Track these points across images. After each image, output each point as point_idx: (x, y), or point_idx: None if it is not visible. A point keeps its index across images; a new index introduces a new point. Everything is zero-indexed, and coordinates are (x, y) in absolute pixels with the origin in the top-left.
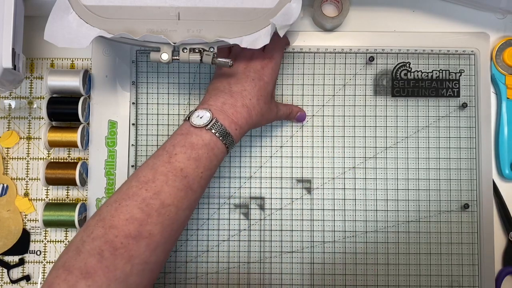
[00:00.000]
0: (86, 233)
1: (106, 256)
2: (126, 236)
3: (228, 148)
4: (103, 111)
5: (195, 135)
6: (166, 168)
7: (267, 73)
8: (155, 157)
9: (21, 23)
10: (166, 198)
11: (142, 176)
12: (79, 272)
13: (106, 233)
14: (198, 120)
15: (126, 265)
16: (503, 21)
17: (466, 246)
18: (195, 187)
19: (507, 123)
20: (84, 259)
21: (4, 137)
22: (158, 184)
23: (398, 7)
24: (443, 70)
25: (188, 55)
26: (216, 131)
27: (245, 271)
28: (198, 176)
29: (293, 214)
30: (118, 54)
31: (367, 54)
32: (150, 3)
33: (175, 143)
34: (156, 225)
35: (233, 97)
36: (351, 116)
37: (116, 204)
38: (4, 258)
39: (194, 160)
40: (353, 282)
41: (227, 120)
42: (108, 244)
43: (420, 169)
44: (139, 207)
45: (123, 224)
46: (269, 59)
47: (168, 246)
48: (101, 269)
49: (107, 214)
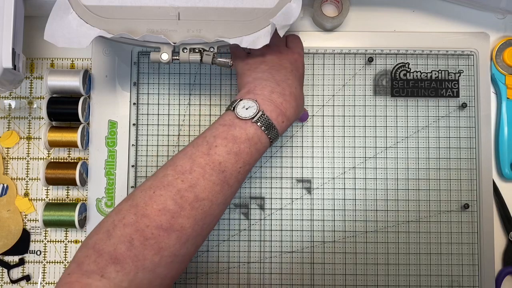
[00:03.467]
0: (118, 217)
1: (136, 245)
2: (157, 227)
3: (271, 142)
4: (103, 111)
5: (238, 128)
6: (204, 160)
7: (300, 65)
8: (194, 146)
9: (21, 23)
10: (201, 192)
11: (179, 165)
12: (109, 257)
13: (138, 221)
14: (244, 111)
15: (155, 256)
16: (503, 21)
17: (466, 246)
18: (232, 182)
19: (507, 123)
20: (114, 245)
21: (4, 137)
22: (195, 176)
23: (398, 7)
24: (442, 71)
25: (188, 55)
26: (262, 124)
27: (245, 271)
28: (236, 171)
29: (293, 214)
30: (118, 54)
31: (366, 54)
32: (150, 3)
33: (217, 134)
34: (188, 219)
35: (280, 86)
36: (351, 116)
37: (150, 192)
38: (4, 258)
39: (234, 155)
40: (353, 282)
41: (275, 112)
42: (138, 233)
43: (420, 169)
44: (173, 199)
45: (156, 214)
46: (298, 54)
47: (199, 240)
48: (130, 258)
49: (140, 201)
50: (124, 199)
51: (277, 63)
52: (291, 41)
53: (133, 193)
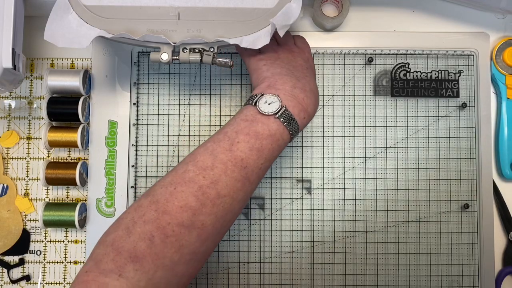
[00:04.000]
0: (137, 213)
1: (156, 242)
2: (178, 224)
3: (292, 138)
4: (103, 111)
5: (261, 124)
6: (226, 156)
7: (313, 64)
8: (215, 141)
9: (21, 23)
10: (223, 189)
11: (200, 161)
12: (128, 255)
13: (159, 218)
14: (267, 106)
15: (175, 254)
16: (503, 21)
17: (466, 246)
18: (253, 179)
19: (507, 123)
20: (134, 242)
21: (4, 137)
22: (217, 172)
23: (398, 7)
24: (442, 71)
25: (188, 55)
26: (285, 120)
27: (245, 271)
28: (258, 167)
29: (293, 214)
30: (118, 54)
31: (366, 55)
32: (150, 3)
33: (238, 130)
34: (209, 216)
35: (300, 82)
36: (351, 116)
37: (171, 188)
38: (4, 258)
39: (256, 151)
40: (353, 282)
41: (297, 108)
42: (159, 231)
43: (420, 169)
44: (195, 195)
45: (177, 211)
46: (308, 53)
47: (218, 237)
48: (150, 255)
49: (161, 197)
50: (143, 195)
51: (292, 60)
52: (300, 42)
53: (153, 189)
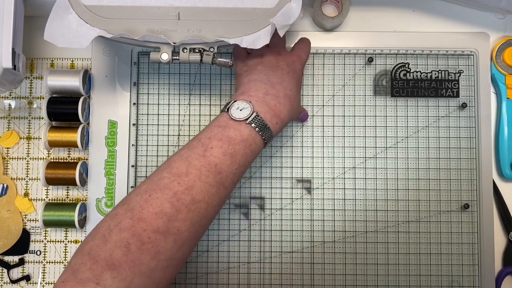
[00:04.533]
0: (113, 221)
1: (132, 250)
2: (154, 231)
3: (266, 143)
4: (103, 111)
5: (233, 129)
6: (200, 162)
7: (299, 68)
8: (189, 148)
9: (21, 23)
10: (198, 194)
11: (175, 168)
12: (105, 263)
13: (134, 225)
14: (238, 112)
15: (152, 260)
16: (503, 21)
17: (466, 246)
18: (227, 184)
19: (507, 123)
20: (111, 250)
21: (4, 137)
22: (191, 178)
23: (398, 7)
24: (442, 71)
25: (188, 55)
26: (256, 125)
27: (245, 271)
28: (232, 172)
29: (293, 214)
30: (118, 54)
31: (366, 55)
32: (150, 3)
33: (212, 136)
34: (185, 222)
35: (275, 88)
36: (351, 116)
37: (146, 195)
38: (4, 258)
39: (230, 156)
40: (353, 282)
41: (269, 114)
42: (135, 238)
43: (420, 169)
44: (170, 202)
45: (152, 218)
46: (298, 56)
47: (194, 242)
48: (127, 263)
49: (136, 205)
50: (119, 203)
51: (274, 65)
52: (297, 43)
53: (128, 197)
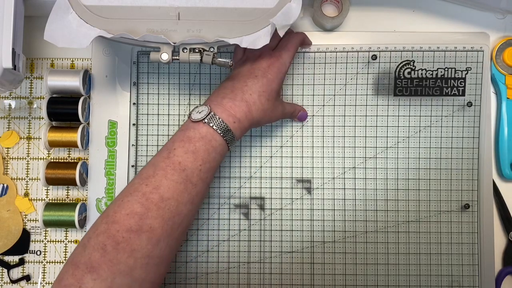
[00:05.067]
0: (92, 230)
1: (108, 250)
2: (127, 230)
3: (227, 142)
4: (103, 111)
5: (192, 129)
6: (165, 163)
7: (272, 71)
8: (157, 155)
9: (21, 23)
10: (165, 192)
11: (144, 173)
12: (85, 267)
13: (109, 228)
14: (197, 115)
15: (129, 258)
16: (503, 21)
17: (466, 246)
18: (195, 180)
19: (507, 123)
20: (89, 254)
21: (4, 137)
22: (158, 178)
23: (398, 7)
24: (449, 68)
25: (188, 55)
26: (214, 123)
27: (245, 271)
28: (197, 168)
29: (293, 214)
30: (118, 54)
31: (370, 52)
32: (150, 3)
33: (175, 139)
34: (156, 219)
35: (233, 92)
36: (351, 116)
37: (119, 201)
38: (4, 258)
39: (191, 153)
40: (353, 282)
41: (225, 113)
42: (110, 239)
43: (421, 169)
44: (139, 202)
45: (124, 218)
46: (276, 58)
47: (171, 241)
48: (105, 263)
49: (110, 211)
50: (98, 217)
51: (247, 70)
52: (280, 43)
53: (106, 209)
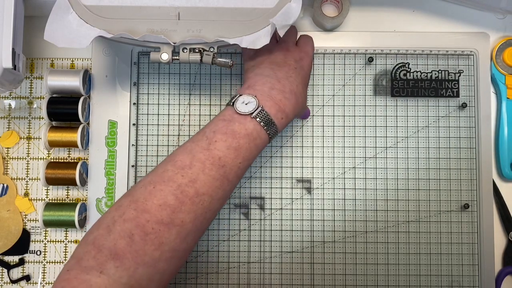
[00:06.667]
0: (118, 212)
1: (136, 240)
2: (158, 222)
3: (270, 138)
4: (103, 111)
5: (238, 123)
6: (204, 155)
7: (306, 64)
8: (194, 141)
9: (21, 23)
10: (201, 187)
11: (179, 161)
12: (109, 252)
13: (138, 216)
14: (243, 106)
15: (156, 251)
16: (503, 21)
17: (466, 246)
18: (232, 177)
19: (507, 123)
20: (114, 240)
21: (4, 137)
22: (195, 171)
23: (398, 7)
24: (442, 71)
25: (188, 55)
26: (261, 119)
27: (245, 271)
28: (236, 166)
29: (293, 214)
30: (118, 54)
31: (366, 54)
32: (150, 3)
33: (216, 130)
34: (189, 214)
35: (281, 83)
36: (351, 116)
37: (150, 187)
38: (4, 258)
39: (234, 150)
40: (353, 282)
41: (274, 108)
42: (139, 228)
43: (420, 169)
44: (174, 194)
45: (156, 209)
46: (305, 53)
47: (198, 235)
48: (130, 253)
49: (140, 196)
50: (123, 195)
51: (281, 60)
52: (302, 40)
53: (133, 189)
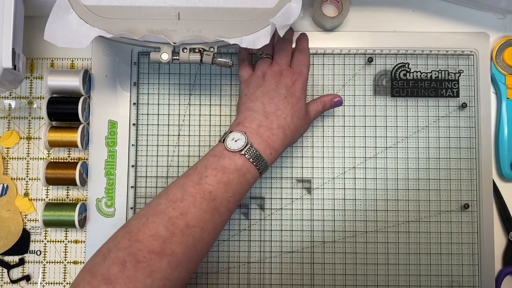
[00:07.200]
0: (113, 243)
1: (128, 267)
2: (149, 251)
3: (260, 172)
4: (103, 111)
5: (228, 159)
6: (195, 189)
7: (298, 88)
8: (186, 176)
9: (21, 23)
10: (192, 219)
11: (171, 195)
12: (102, 278)
13: (131, 245)
14: (233, 143)
15: (147, 278)
16: (503, 21)
17: (466, 246)
18: (222, 210)
19: (507, 123)
20: (108, 266)
21: (4, 137)
22: (186, 204)
23: (398, 7)
24: (442, 71)
25: (188, 55)
26: (250, 156)
27: (245, 271)
28: (226, 200)
29: (293, 214)
30: (118, 54)
31: (366, 55)
32: (150, 3)
33: (207, 165)
34: (179, 244)
35: (268, 119)
36: (351, 116)
37: (144, 219)
38: (4, 258)
39: (224, 184)
40: (353, 282)
41: (263, 144)
42: (131, 256)
43: (420, 169)
44: (165, 225)
45: (148, 239)
46: (299, 74)
47: (191, 266)
48: (122, 279)
49: (134, 228)
50: (120, 227)
51: (273, 89)
52: (297, 58)
53: (129, 221)
